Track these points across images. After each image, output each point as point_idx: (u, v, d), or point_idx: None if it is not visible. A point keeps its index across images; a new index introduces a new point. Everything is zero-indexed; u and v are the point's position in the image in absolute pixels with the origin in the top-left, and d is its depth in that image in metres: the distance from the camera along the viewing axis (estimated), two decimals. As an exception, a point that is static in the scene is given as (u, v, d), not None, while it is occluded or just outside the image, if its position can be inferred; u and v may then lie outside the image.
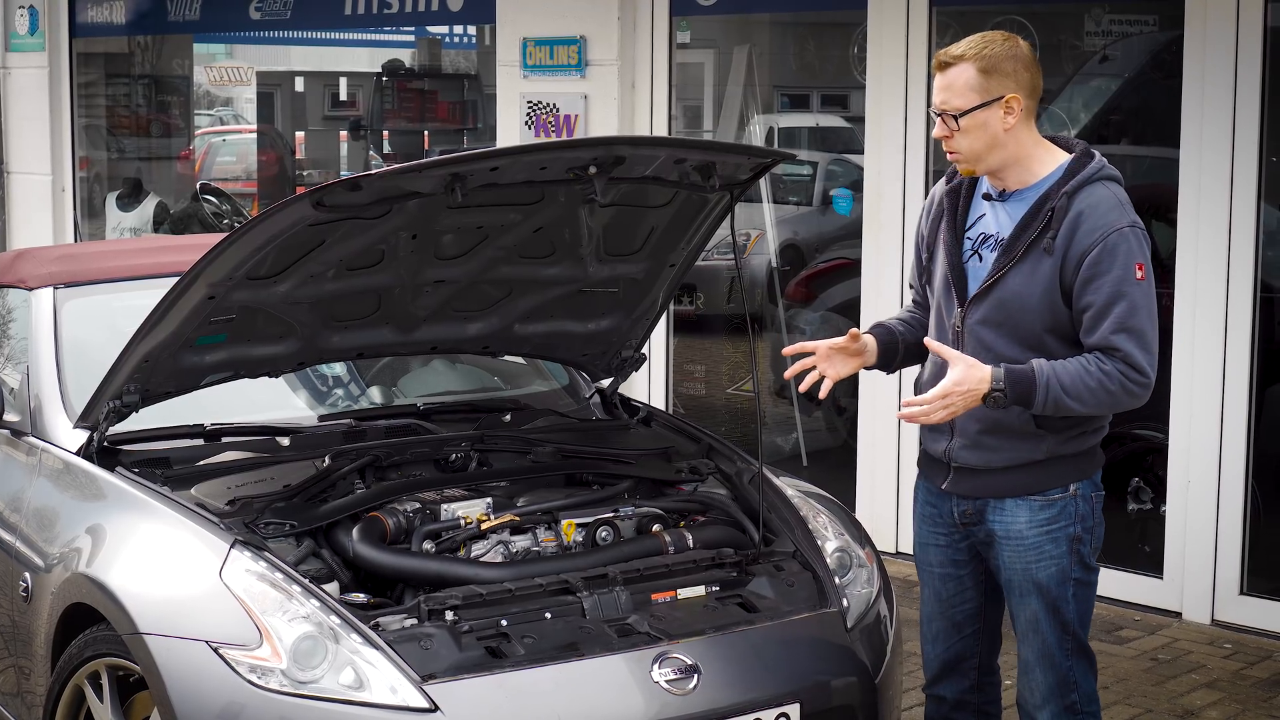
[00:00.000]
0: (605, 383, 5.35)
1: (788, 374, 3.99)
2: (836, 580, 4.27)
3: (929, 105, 3.89)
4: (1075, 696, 3.89)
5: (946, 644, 4.07)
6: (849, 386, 7.89)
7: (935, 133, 3.82)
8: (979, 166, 3.80)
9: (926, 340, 3.84)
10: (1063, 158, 3.79)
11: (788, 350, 3.96)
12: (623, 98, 7.98)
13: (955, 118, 3.73)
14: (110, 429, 4.43)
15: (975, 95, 3.72)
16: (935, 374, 3.84)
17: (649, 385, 8.04)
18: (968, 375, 3.66)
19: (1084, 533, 3.84)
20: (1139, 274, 3.63)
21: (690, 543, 4.28)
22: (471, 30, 12.11)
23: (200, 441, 4.67)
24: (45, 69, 11.21)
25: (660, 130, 7.99)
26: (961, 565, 4.01)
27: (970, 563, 4.00)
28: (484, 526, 4.21)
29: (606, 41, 7.99)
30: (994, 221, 3.82)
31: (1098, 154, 3.79)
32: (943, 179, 4.00)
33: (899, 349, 4.05)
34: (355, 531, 4.14)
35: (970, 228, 3.88)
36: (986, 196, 3.87)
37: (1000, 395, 3.64)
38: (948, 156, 3.83)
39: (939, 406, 3.67)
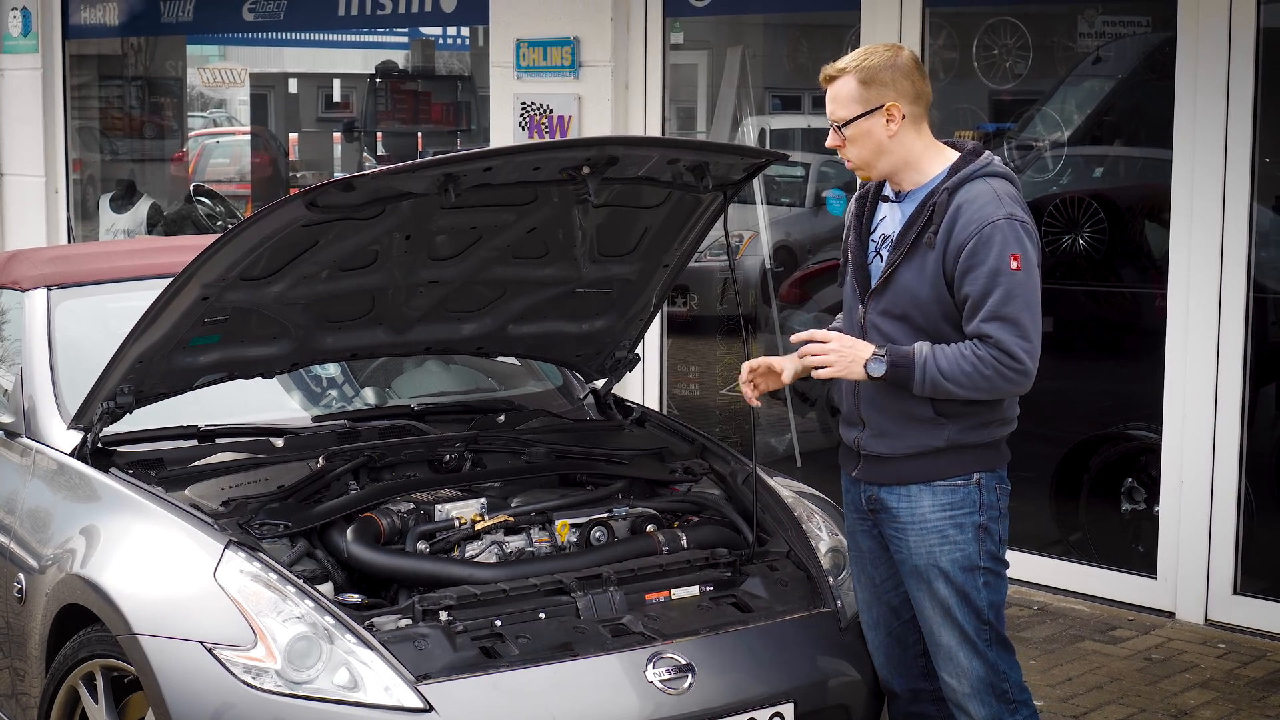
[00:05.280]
0: (599, 383, 5.35)
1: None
2: (830, 580, 4.28)
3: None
4: (1006, 685, 3.94)
5: (888, 629, 4.12)
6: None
7: (829, 142, 3.97)
8: (871, 172, 3.96)
9: (830, 327, 3.99)
10: (953, 158, 3.91)
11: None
12: (616, 99, 7.98)
13: (840, 128, 3.88)
14: (104, 430, 4.43)
15: (857, 105, 3.87)
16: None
17: (643, 386, 8.03)
18: (853, 339, 3.86)
19: (990, 522, 3.91)
20: (1014, 264, 3.75)
21: (684, 543, 4.29)
22: (465, 32, 12.06)
23: (194, 442, 4.67)
24: (38, 70, 11.20)
25: (653, 131, 7.98)
26: (888, 549, 4.04)
27: None
28: (478, 527, 4.22)
29: (600, 43, 7.99)
30: (891, 222, 3.96)
31: (988, 153, 3.91)
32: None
33: None
34: (349, 532, 4.14)
35: (874, 230, 4.01)
36: (886, 198, 4.01)
37: (879, 361, 3.80)
38: (845, 164, 4.00)
39: (831, 348, 3.82)
